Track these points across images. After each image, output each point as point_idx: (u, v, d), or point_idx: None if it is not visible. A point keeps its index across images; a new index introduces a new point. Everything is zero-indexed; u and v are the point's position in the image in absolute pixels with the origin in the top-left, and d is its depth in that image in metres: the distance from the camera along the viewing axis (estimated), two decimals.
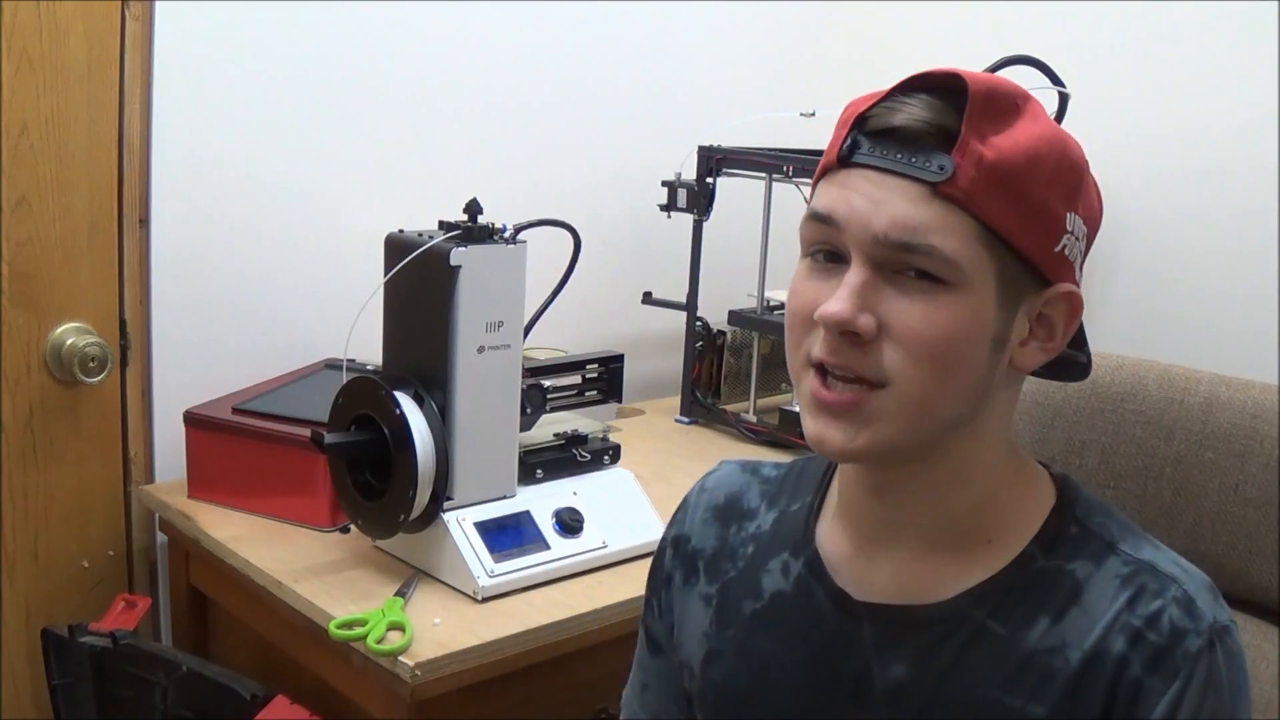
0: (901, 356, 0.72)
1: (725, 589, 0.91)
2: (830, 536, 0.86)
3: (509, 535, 1.38)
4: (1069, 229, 0.75)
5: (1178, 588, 0.75)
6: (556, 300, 1.51)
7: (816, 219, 0.76)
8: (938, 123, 0.72)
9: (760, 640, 0.86)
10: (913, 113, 0.73)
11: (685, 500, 1.00)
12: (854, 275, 0.73)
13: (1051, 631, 0.76)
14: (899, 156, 0.72)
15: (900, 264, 0.72)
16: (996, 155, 0.71)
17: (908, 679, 0.79)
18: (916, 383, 0.73)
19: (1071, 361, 0.85)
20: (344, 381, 1.38)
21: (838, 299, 0.72)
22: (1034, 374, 0.83)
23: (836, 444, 0.75)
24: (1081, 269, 0.79)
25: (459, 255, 1.31)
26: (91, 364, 1.58)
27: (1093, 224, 0.79)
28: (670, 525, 0.99)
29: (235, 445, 1.56)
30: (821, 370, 0.75)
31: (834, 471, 0.89)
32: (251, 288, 1.77)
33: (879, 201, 0.72)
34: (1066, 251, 0.75)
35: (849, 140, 0.74)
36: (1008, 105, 0.73)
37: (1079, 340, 0.84)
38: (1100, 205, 0.80)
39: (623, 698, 1.03)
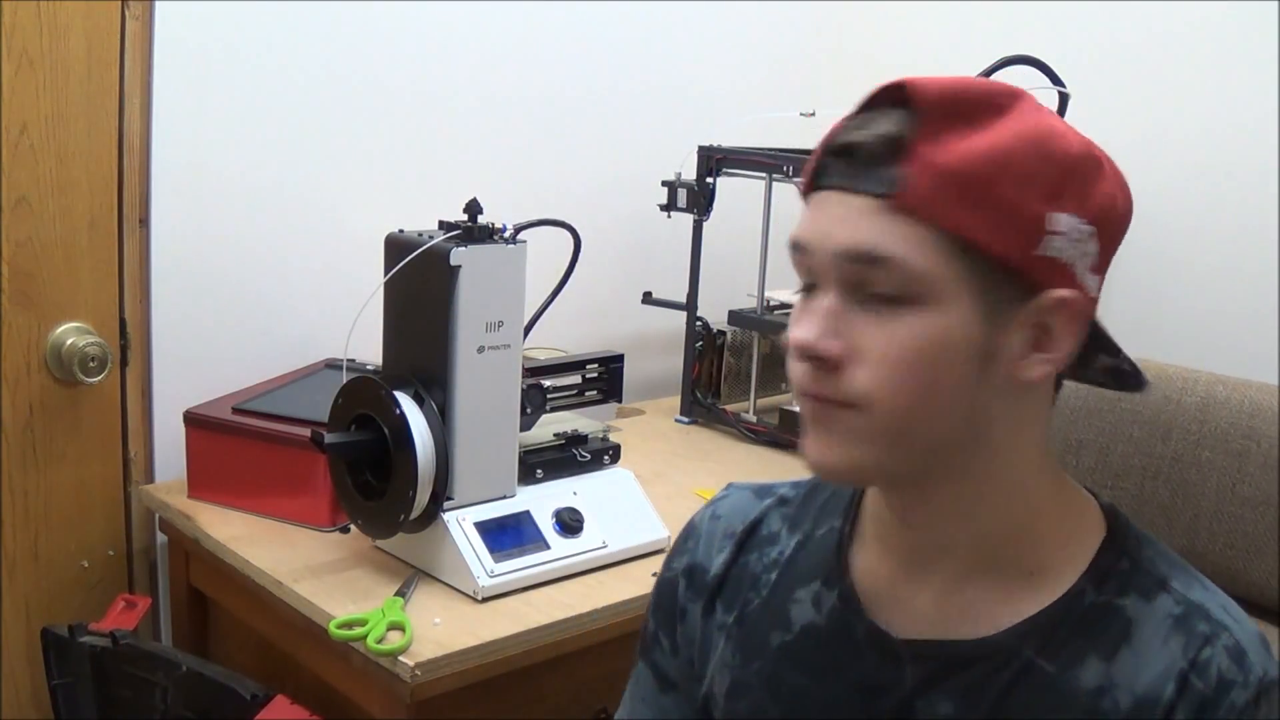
0: (871, 378, 0.71)
1: (746, 618, 0.87)
2: (865, 565, 0.83)
3: (509, 535, 1.38)
4: (1054, 229, 0.70)
5: (1229, 636, 0.73)
6: (556, 300, 1.51)
7: (793, 248, 0.75)
8: (891, 135, 0.70)
9: (790, 673, 0.83)
10: (866, 128, 0.71)
11: (693, 528, 0.95)
12: (822, 300, 0.73)
13: (1101, 671, 0.74)
14: (854, 173, 0.71)
15: (865, 284, 0.71)
16: (956, 160, 0.69)
17: (953, 717, 0.76)
18: (888, 404, 0.71)
19: (1117, 370, 0.81)
20: (344, 381, 1.38)
21: (803, 325, 0.72)
22: (1095, 384, 0.82)
23: (815, 459, 0.75)
24: (1100, 269, 0.75)
25: (459, 255, 1.31)
26: (91, 364, 1.58)
27: (1106, 220, 0.74)
28: (678, 554, 0.95)
29: (235, 445, 1.56)
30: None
31: (864, 493, 0.86)
32: (251, 288, 1.77)
33: (839, 219, 0.72)
34: (1056, 254, 0.71)
35: (817, 164, 0.74)
36: (979, 108, 0.71)
37: (1111, 347, 0.79)
38: (1122, 198, 0.76)
39: None
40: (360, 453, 1.35)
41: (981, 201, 0.69)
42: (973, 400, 0.73)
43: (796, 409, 1.91)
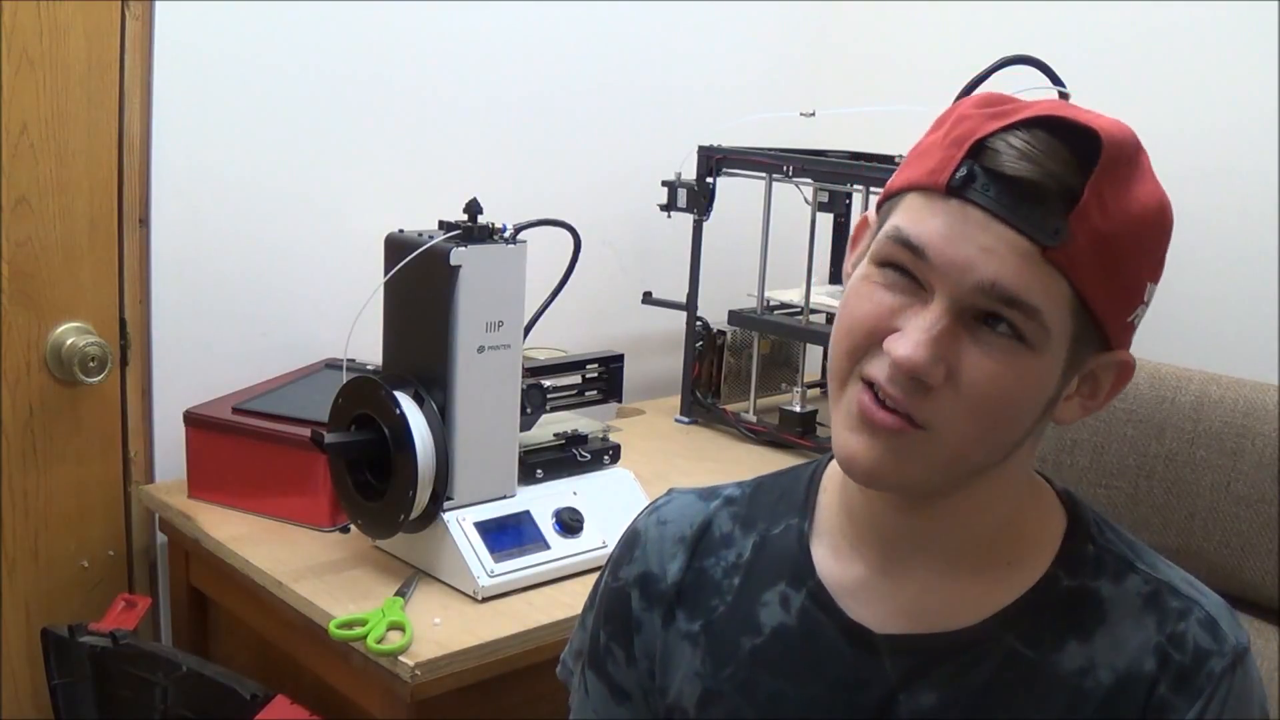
0: (958, 409, 0.69)
1: (713, 626, 0.85)
2: (835, 562, 0.82)
3: (509, 535, 1.38)
4: (1145, 299, 0.73)
5: (1200, 609, 0.75)
6: (556, 300, 1.52)
7: (908, 247, 0.70)
8: (1063, 178, 0.67)
9: (764, 677, 0.82)
10: (1039, 162, 0.67)
11: (638, 535, 0.91)
12: (935, 319, 0.69)
13: (1080, 652, 0.75)
14: (1018, 208, 0.67)
15: (987, 316, 0.69)
16: (1110, 226, 0.68)
17: (938, 707, 0.76)
18: (961, 435, 0.70)
19: None
20: (344, 381, 1.38)
21: (915, 343, 0.68)
22: None
23: (865, 466, 0.72)
24: None
25: (459, 255, 1.31)
26: (91, 364, 1.58)
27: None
28: (625, 563, 0.91)
29: (235, 445, 1.56)
30: (871, 387, 0.71)
31: (819, 489, 0.86)
32: (251, 288, 1.77)
33: (988, 250, 0.67)
34: (1135, 320, 0.73)
35: (963, 169, 0.69)
36: (1128, 159, 0.69)
37: None
38: None
39: None
40: (360, 453, 1.35)
41: (1113, 270, 0.69)
42: (1023, 438, 0.75)
43: (796, 409, 1.93)
